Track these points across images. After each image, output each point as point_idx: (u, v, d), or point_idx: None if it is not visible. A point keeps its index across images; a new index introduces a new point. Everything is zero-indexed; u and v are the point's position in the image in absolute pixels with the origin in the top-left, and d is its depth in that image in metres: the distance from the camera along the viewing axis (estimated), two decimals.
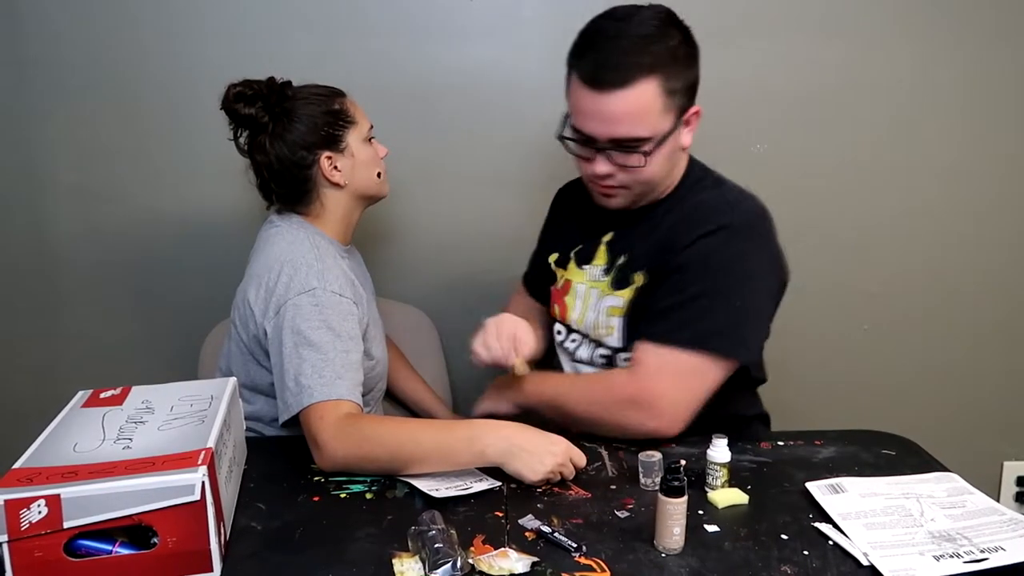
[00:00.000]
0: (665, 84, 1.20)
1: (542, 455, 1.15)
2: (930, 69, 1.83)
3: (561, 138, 1.30)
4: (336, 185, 1.39)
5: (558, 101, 1.79)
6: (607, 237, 1.39)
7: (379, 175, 1.44)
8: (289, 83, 1.38)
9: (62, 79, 1.76)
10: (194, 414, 1.10)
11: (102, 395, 1.18)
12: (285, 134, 1.35)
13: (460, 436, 1.18)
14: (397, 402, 1.73)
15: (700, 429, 1.25)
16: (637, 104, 1.20)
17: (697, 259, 1.24)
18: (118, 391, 1.19)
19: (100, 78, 1.77)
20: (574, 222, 1.48)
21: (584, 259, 1.41)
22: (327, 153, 1.36)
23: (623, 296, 1.33)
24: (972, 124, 1.86)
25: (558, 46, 1.76)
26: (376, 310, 1.50)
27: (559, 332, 1.48)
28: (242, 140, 1.39)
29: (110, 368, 1.90)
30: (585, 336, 1.41)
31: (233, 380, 1.23)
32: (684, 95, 1.24)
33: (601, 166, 1.26)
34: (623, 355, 1.34)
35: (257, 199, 1.45)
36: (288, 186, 1.38)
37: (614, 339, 1.35)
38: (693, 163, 1.38)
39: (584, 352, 1.41)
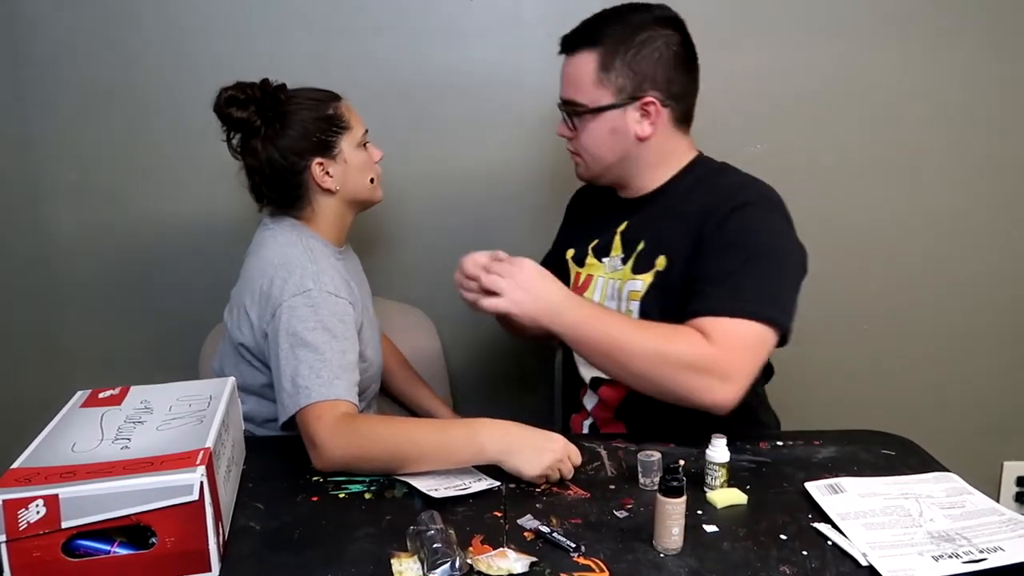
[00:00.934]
0: (602, 59, 1.31)
1: (541, 451, 1.16)
2: (929, 69, 1.82)
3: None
4: (327, 191, 1.38)
5: (557, 101, 1.80)
6: (621, 227, 1.41)
7: (372, 180, 1.43)
8: (283, 86, 1.38)
9: (62, 79, 1.76)
10: (193, 414, 1.10)
11: (101, 395, 1.18)
12: (277, 139, 1.34)
13: (459, 433, 1.18)
14: (397, 402, 1.73)
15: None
16: (574, 71, 1.35)
17: (737, 231, 1.26)
18: (117, 391, 1.19)
19: (100, 78, 1.77)
20: (590, 219, 1.51)
21: (602, 252, 1.43)
22: (319, 159, 1.36)
23: (643, 279, 1.34)
24: (971, 124, 1.86)
25: (558, 46, 1.75)
26: (372, 312, 1.50)
27: None
28: (235, 142, 1.39)
29: (109, 368, 1.90)
30: None
31: (232, 380, 1.23)
32: (627, 77, 1.31)
33: (561, 127, 1.41)
34: None
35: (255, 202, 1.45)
36: (279, 190, 1.38)
37: None
38: (702, 157, 1.42)
39: None
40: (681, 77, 1.34)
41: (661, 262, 1.34)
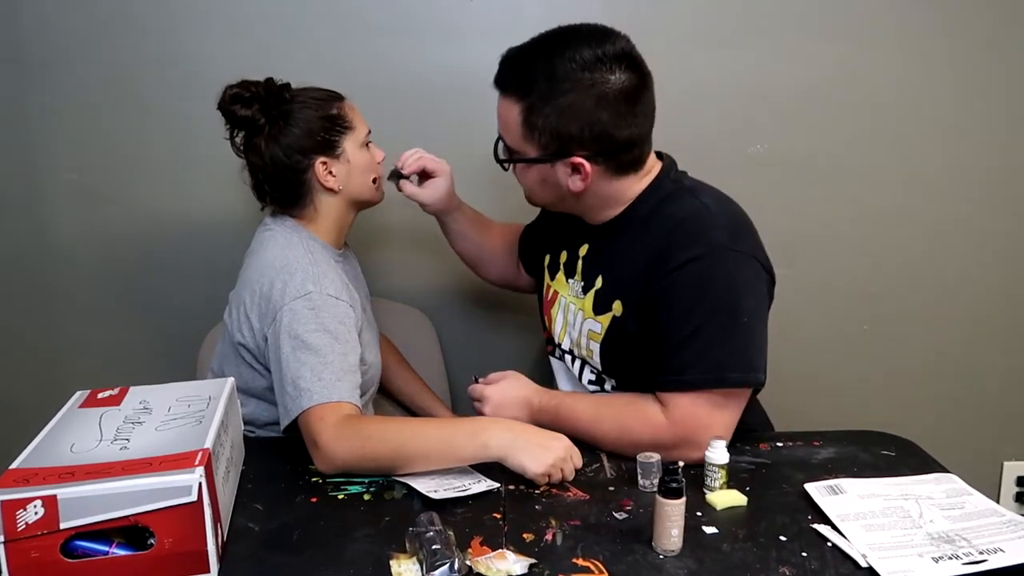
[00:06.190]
0: (525, 115, 1.21)
1: (545, 449, 1.16)
2: (927, 69, 1.82)
3: None
4: (330, 190, 1.38)
5: None
6: (583, 251, 1.37)
7: (374, 181, 1.43)
8: (287, 85, 1.38)
9: (62, 79, 1.76)
10: (192, 415, 1.10)
11: (100, 395, 1.18)
12: (280, 137, 1.34)
13: (463, 430, 1.19)
14: (396, 402, 1.73)
15: None
16: (503, 112, 1.26)
17: (689, 287, 1.19)
18: (116, 391, 1.19)
19: (101, 78, 1.76)
20: (563, 228, 1.43)
21: (569, 271, 1.40)
22: (322, 158, 1.36)
23: (602, 322, 1.30)
24: (969, 123, 1.86)
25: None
26: (371, 314, 1.50)
27: (549, 346, 1.47)
28: (238, 140, 1.39)
29: (108, 368, 1.90)
30: (569, 352, 1.41)
31: (231, 381, 1.23)
32: (551, 137, 1.21)
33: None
34: (610, 382, 1.34)
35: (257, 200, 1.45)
36: (282, 189, 1.38)
37: (595, 362, 1.34)
38: (663, 176, 1.29)
39: (577, 368, 1.40)
40: (617, 130, 1.19)
41: (617, 307, 1.28)
